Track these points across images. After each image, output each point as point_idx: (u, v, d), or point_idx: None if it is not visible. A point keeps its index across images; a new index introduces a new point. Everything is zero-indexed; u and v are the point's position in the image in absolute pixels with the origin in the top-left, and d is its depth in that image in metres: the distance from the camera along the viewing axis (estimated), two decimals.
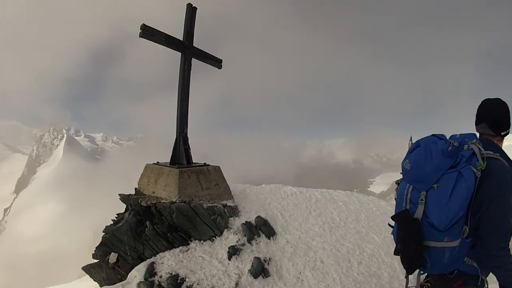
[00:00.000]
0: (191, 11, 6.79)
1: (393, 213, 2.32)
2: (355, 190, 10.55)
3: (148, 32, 6.04)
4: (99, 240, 6.05)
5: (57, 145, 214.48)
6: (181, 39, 6.74)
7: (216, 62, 7.60)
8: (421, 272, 2.37)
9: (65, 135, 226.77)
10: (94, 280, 6.68)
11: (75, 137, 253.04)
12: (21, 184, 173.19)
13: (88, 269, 6.57)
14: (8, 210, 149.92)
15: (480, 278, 2.24)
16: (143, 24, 5.93)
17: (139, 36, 6.00)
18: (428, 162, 2.04)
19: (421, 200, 2.06)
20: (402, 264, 2.30)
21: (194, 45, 6.93)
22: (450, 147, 2.03)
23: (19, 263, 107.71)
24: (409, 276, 2.47)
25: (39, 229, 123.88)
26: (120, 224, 5.81)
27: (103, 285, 6.38)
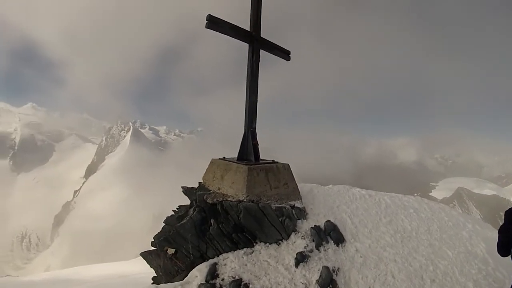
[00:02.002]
0: (256, 0, 6.43)
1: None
2: (415, 195, 9.52)
3: (214, 23, 5.76)
4: (158, 223, 5.97)
5: (124, 136, 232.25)
6: (249, 29, 6.41)
7: (284, 54, 7.13)
8: None
9: (131, 128, 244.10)
10: (151, 267, 6.70)
11: (140, 130, 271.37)
12: (91, 170, 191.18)
13: (146, 256, 6.61)
14: (78, 192, 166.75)
15: None
16: (209, 14, 5.66)
17: (206, 27, 5.72)
18: None
19: None
20: None
21: (261, 35, 6.55)
22: None
23: (85, 238, 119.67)
24: None
25: (104, 210, 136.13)
26: (184, 221, 5.60)
27: (159, 273, 6.35)
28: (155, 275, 6.69)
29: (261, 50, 6.56)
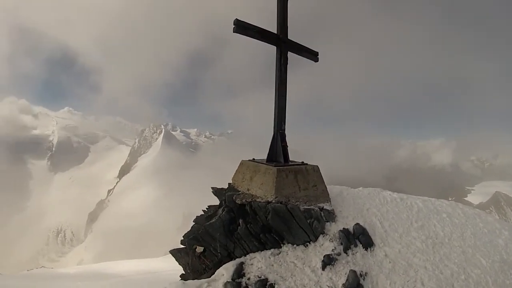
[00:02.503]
0: (282, 2, 6.45)
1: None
2: (450, 199, 9.04)
3: (241, 27, 5.86)
4: (187, 223, 6.11)
5: (156, 138, 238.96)
6: (276, 32, 6.44)
7: (312, 55, 7.10)
8: None
9: (163, 130, 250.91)
10: (179, 264, 6.87)
11: (172, 132, 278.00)
12: (124, 171, 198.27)
13: (175, 253, 6.80)
14: (111, 192, 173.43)
15: None
16: (236, 19, 5.76)
17: (233, 31, 5.83)
18: None
19: None
20: None
21: (288, 38, 6.57)
22: None
23: (117, 235, 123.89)
24: None
25: (136, 209, 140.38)
26: (213, 220, 5.72)
27: (187, 270, 6.50)
28: (183, 272, 6.85)
29: (289, 52, 6.58)
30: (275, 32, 6.46)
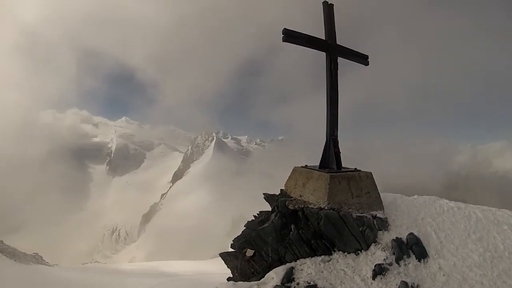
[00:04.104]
0: (328, 9, 6.42)
1: None
2: None
3: (290, 36, 5.92)
4: (236, 228, 6.23)
5: (208, 145, 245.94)
6: (324, 38, 6.43)
7: (362, 59, 6.98)
8: None
9: (215, 138, 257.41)
10: (228, 267, 7.02)
11: (223, 139, 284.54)
12: (177, 176, 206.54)
13: (225, 256, 6.98)
14: (165, 195, 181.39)
15: None
16: (285, 28, 5.83)
17: (283, 41, 5.90)
18: None
19: None
20: None
21: (337, 43, 6.52)
22: None
23: (168, 236, 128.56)
24: None
25: (187, 212, 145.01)
26: (266, 225, 5.83)
27: (235, 274, 6.63)
28: (231, 275, 7.00)
29: (338, 58, 6.54)
30: (324, 38, 6.45)
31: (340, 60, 6.60)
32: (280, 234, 5.66)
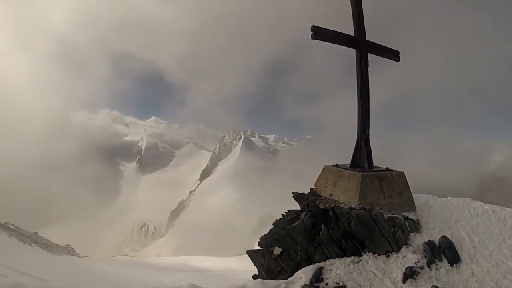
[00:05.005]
0: (356, 3, 6.25)
1: None
2: None
3: (319, 33, 5.82)
4: (262, 226, 6.21)
5: (236, 144, 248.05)
6: (353, 34, 6.28)
7: (393, 55, 6.74)
8: None
9: (243, 136, 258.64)
10: (254, 265, 7.07)
11: (251, 138, 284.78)
12: (205, 174, 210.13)
13: (251, 254, 7.04)
14: (193, 193, 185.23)
15: None
16: (313, 25, 5.73)
17: (311, 38, 5.81)
18: None
19: None
20: None
21: (367, 39, 6.34)
22: None
23: (195, 232, 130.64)
24: None
25: (214, 210, 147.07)
26: (296, 223, 5.80)
27: (261, 272, 6.63)
28: (256, 273, 7.03)
29: (369, 54, 6.38)
30: (353, 34, 6.30)
31: (370, 56, 6.43)
32: (310, 233, 5.62)
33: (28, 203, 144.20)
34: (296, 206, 6.87)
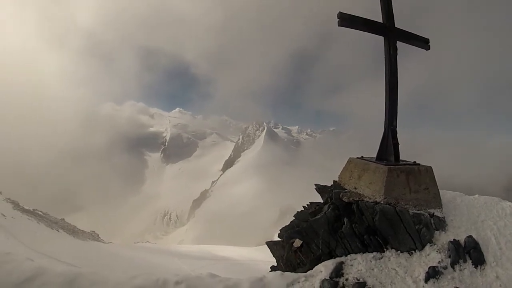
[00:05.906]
0: None
1: None
2: None
3: (346, 20, 5.58)
4: (283, 218, 6.15)
5: (259, 135, 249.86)
6: (381, 21, 5.99)
7: (423, 43, 6.41)
8: None
9: (266, 128, 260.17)
10: (273, 256, 7.04)
11: (274, 129, 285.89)
12: (228, 165, 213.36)
13: (271, 245, 7.02)
14: (215, 183, 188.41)
15: None
16: (340, 12, 5.50)
17: (338, 25, 5.59)
18: None
19: None
20: None
21: (395, 26, 6.03)
22: None
23: (216, 222, 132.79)
24: None
25: (236, 200, 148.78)
26: (319, 216, 5.67)
27: (280, 263, 6.59)
28: (275, 264, 7.01)
29: (397, 42, 6.08)
30: (381, 21, 6.01)
31: (399, 44, 6.12)
32: (332, 226, 5.49)
33: (57, 191, 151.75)
34: (317, 199, 6.76)
